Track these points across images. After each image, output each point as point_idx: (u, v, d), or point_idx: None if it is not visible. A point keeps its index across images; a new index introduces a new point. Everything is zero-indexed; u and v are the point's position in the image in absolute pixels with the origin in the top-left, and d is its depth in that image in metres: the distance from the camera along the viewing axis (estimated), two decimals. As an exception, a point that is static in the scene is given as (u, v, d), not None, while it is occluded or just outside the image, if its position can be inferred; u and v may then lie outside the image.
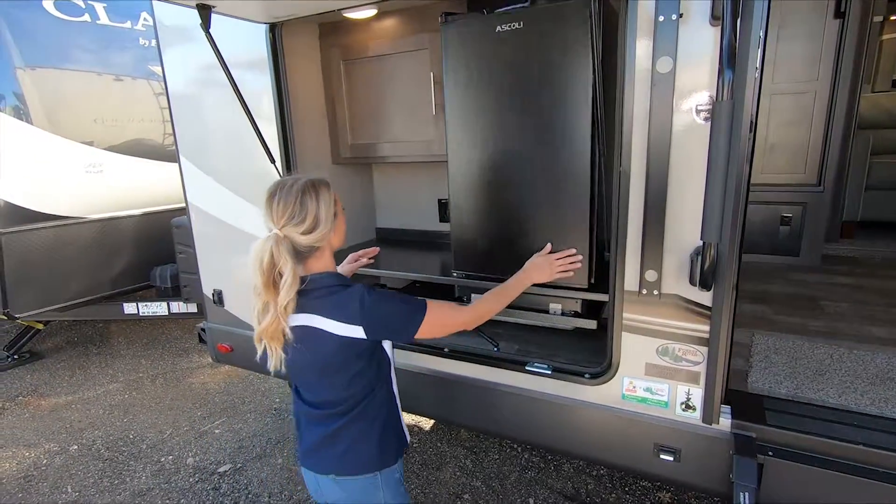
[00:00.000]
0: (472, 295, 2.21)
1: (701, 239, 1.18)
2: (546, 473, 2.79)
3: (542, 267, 1.75)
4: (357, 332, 1.28)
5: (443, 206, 2.88)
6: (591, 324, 1.94)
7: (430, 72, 2.28)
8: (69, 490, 2.84)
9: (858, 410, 1.64)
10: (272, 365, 1.31)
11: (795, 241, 3.31)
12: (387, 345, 1.43)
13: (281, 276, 1.24)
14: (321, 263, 1.35)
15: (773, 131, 3.24)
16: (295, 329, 1.30)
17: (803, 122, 3.16)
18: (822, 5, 2.94)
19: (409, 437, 1.52)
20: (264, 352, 1.32)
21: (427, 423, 3.28)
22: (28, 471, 3.02)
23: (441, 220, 2.93)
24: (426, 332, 1.34)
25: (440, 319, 1.37)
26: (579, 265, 1.83)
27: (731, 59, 1.01)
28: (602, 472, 2.77)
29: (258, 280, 1.25)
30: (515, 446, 3.01)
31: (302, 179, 1.31)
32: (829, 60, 3.01)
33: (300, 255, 1.30)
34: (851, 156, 3.36)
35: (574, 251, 1.83)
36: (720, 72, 1.04)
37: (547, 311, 2.05)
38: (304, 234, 1.27)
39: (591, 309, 2.03)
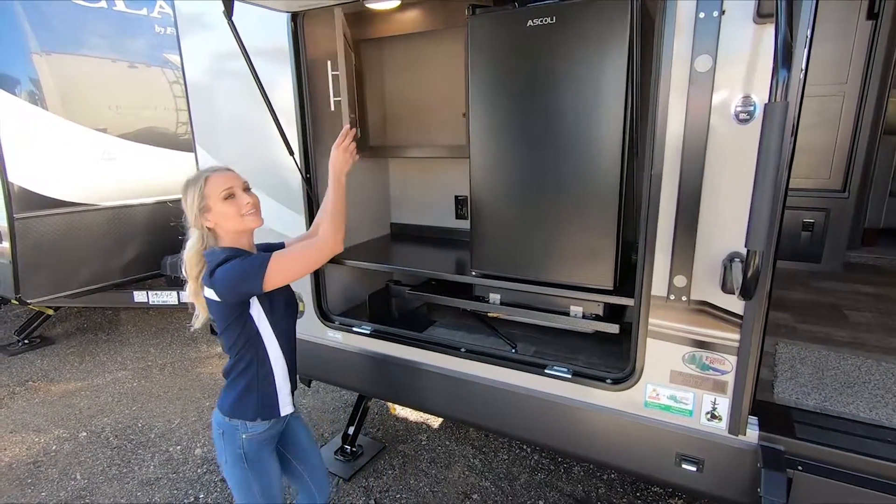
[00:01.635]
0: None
1: (746, 247, 1.13)
2: (556, 476, 2.76)
3: (336, 157, 1.73)
4: (213, 294, 1.50)
5: (459, 203, 2.84)
6: (614, 328, 1.90)
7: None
8: (78, 477, 2.84)
9: (892, 426, 1.59)
10: (194, 322, 1.63)
11: (817, 247, 3.24)
12: (257, 317, 1.55)
13: None
14: (223, 242, 1.56)
15: (799, 134, 3.15)
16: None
17: (830, 125, 3.09)
18: (854, 5, 2.86)
19: (282, 411, 1.63)
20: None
21: (436, 422, 3.25)
22: (38, 456, 3.03)
23: (457, 217, 2.88)
24: (277, 277, 1.47)
25: (288, 261, 1.51)
26: (353, 132, 1.80)
27: (786, 58, 0.96)
28: (613, 476, 2.74)
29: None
30: (525, 447, 2.98)
31: (187, 178, 1.59)
32: (860, 63, 2.93)
33: (209, 234, 1.56)
34: (877, 161, 3.28)
35: (347, 127, 1.80)
36: (774, 71, 0.99)
37: (567, 314, 2.00)
38: (189, 220, 1.56)
39: (612, 312, 1.98)
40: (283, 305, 1.61)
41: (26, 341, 4.56)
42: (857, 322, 2.46)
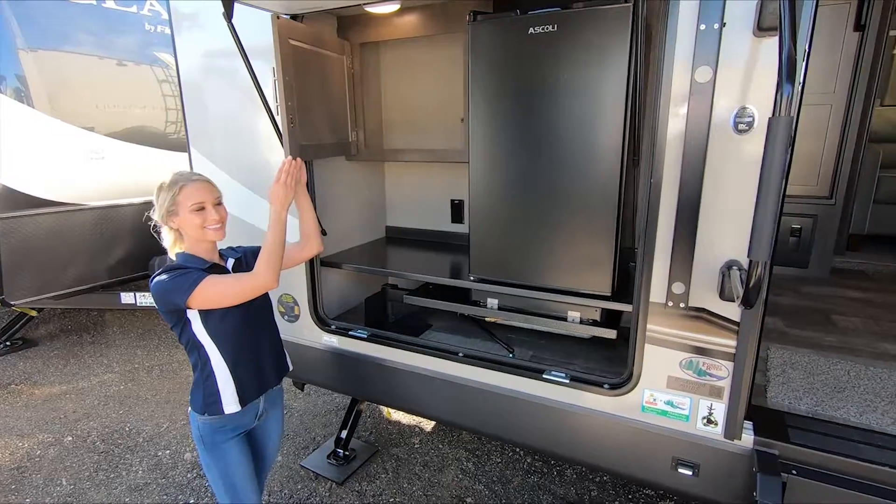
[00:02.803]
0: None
1: (749, 257, 1.15)
2: (549, 479, 2.77)
3: (276, 192, 1.71)
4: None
5: (455, 207, 2.84)
6: (611, 333, 1.92)
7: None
8: (63, 483, 2.79)
9: (882, 430, 1.63)
10: None
11: (805, 253, 3.30)
12: (193, 322, 1.61)
13: None
14: (185, 244, 1.66)
15: (790, 143, 3.23)
16: None
17: (818, 134, 3.15)
18: (843, 17, 2.92)
19: (225, 409, 1.68)
20: None
21: (428, 425, 3.25)
22: (21, 462, 2.96)
23: (453, 221, 2.89)
24: (202, 299, 1.54)
25: (218, 289, 1.56)
26: (298, 165, 1.76)
27: (791, 73, 0.98)
28: (605, 478, 2.76)
29: None
30: (518, 451, 2.99)
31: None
32: (847, 73, 3.00)
33: (174, 233, 1.66)
34: (861, 169, 3.36)
35: (289, 159, 1.75)
36: (778, 86, 1.01)
37: (565, 319, 2.02)
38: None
39: (609, 318, 2.00)
40: (221, 314, 1.63)
41: (8, 343, 4.45)
42: (845, 327, 2.52)
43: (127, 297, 4.25)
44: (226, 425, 1.72)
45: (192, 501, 2.64)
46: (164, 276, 1.55)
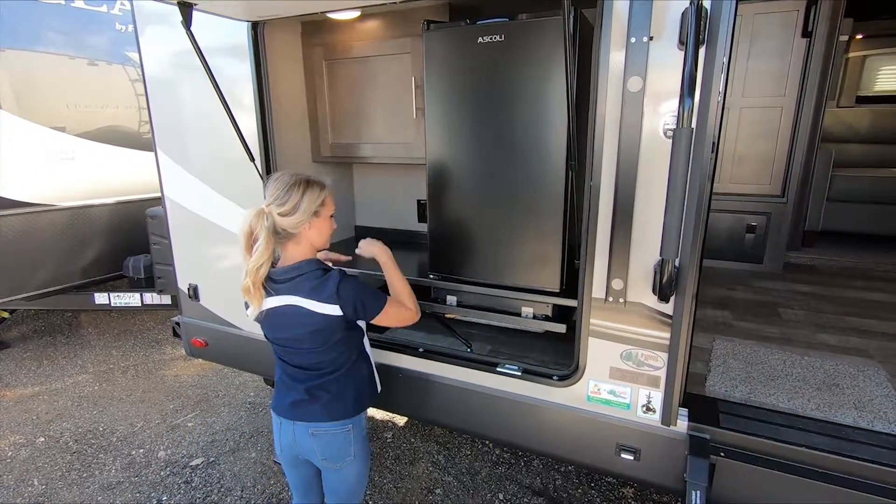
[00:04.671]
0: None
1: (660, 255, 1.25)
2: (516, 469, 2.87)
3: (368, 249, 1.87)
4: (335, 310, 1.52)
5: (421, 207, 2.92)
6: (561, 328, 2.02)
7: (411, 76, 2.30)
8: (35, 483, 2.81)
9: (805, 415, 1.75)
10: (249, 313, 1.58)
11: (759, 248, 3.45)
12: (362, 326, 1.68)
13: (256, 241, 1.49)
14: (299, 250, 1.57)
15: (742, 143, 3.37)
16: (277, 309, 1.55)
17: (770, 135, 3.30)
18: (790, 24, 3.06)
19: (380, 386, 1.80)
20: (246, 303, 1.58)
21: (401, 420, 3.33)
22: (-8, 463, 2.97)
23: (419, 221, 2.97)
24: (383, 319, 1.63)
25: (396, 312, 1.66)
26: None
27: (691, 87, 1.08)
28: (570, 468, 2.87)
29: (240, 242, 1.50)
30: (487, 443, 3.09)
31: (300, 174, 1.55)
32: (796, 77, 3.15)
33: (280, 235, 1.52)
34: (815, 168, 3.52)
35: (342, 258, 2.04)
36: (681, 99, 1.10)
37: (519, 314, 2.11)
38: (281, 215, 1.49)
39: (561, 313, 2.10)
40: None
41: (-21, 345, 4.42)
42: (789, 319, 2.66)
43: (101, 298, 4.25)
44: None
45: (164, 499, 2.68)
46: (351, 285, 1.54)
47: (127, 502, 2.65)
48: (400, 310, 1.68)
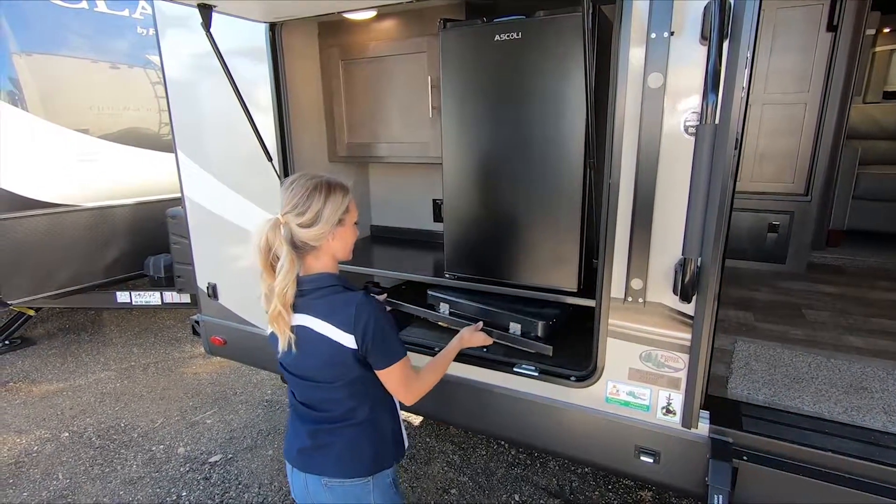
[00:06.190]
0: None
1: (682, 254, 1.22)
2: (532, 470, 2.85)
3: (475, 334, 1.91)
4: (350, 340, 1.28)
5: (437, 207, 2.91)
6: (548, 349, 1.98)
7: (427, 75, 2.30)
8: (60, 477, 2.87)
9: (831, 418, 1.70)
10: (280, 346, 1.34)
11: (782, 248, 3.37)
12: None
13: (278, 259, 1.28)
14: (320, 264, 1.36)
15: (764, 141, 3.30)
16: (293, 329, 1.32)
17: (793, 132, 3.22)
18: (815, 19, 2.98)
19: (407, 443, 1.53)
20: (273, 334, 1.36)
21: (416, 419, 3.33)
22: (19, 457, 3.05)
23: (435, 220, 2.96)
24: (387, 375, 1.34)
25: (404, 378, 1.37)
26: (491, 341, 2.02)
27: (715, 83, 1.05)
28: (586, 470, 2.84)
29: (255, 259, 1.29)
30: (503, 443, 3.08)
31: (320, 177, 1.34)
32: (821, 72, 3.07)
33: (298, 249, 1.31)
34: (840, 166, 3.42)
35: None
36: (704, 94, 1.08)
37: (507, 330, 2.09)
38: (301, 226, 1.28)
39: (552, 333, 2.06)
40: None
41: (7, 342, 4.54)
42: (814, 321, 2.59)
43: (122, 297, 4.34)
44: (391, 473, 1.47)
45: (184, 494, 2.73)
46: (377, 314, 1.29)
47: (148, 497, 2.70)
48: (409, 379, 1.39)
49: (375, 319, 1.28)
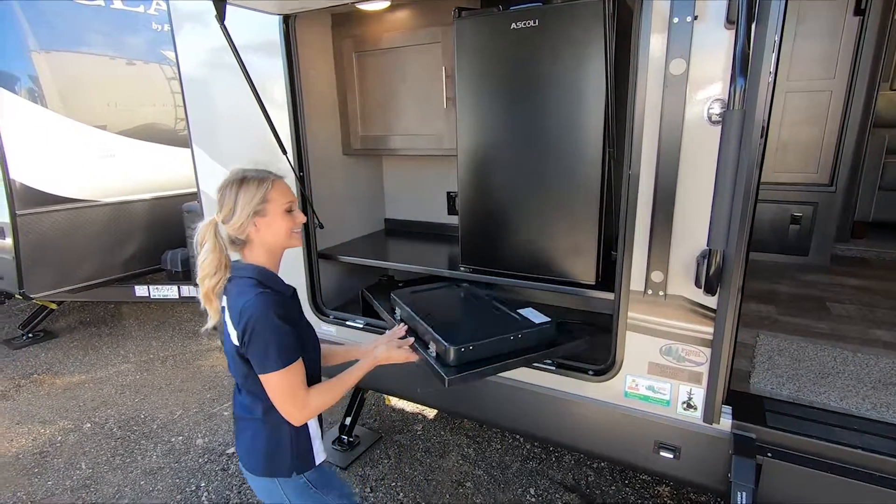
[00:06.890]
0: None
1: (707, 245, 1.19)
2: (547, 464, 2.84)
3: (390, 356, 1.58)
4: (235, 335, 1.29)
5: (451, 199, 2.89)
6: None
7: (441, 65, 2.27)
8: (83, 466, 2.93)
9: (858, 414, 1.65)
10: (208, 325, 1.39)
11: (805, 240, 3.29)
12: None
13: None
14: (253, 255, 1.38)
15: (786, 130, 3.21)
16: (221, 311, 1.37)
17: (817, 120, 3.13)
18: (842, 2, 2.88)
19: (318, 459, 1.43)
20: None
21: (431, 412, 3.33)
22: (43, 447, 3.12)
23: (449, 213, 2.94)
24: (266, 383, 1.28)
25: (287, 384, 1.27)
26: (415, 358, 1.64)
27: (743, 67, 1.01)
28: (602, 464, 2.81)
29: (196, 252, 1.36)
30: (518, 437, 3.06)
31: (238, 171, 1.40)
32: (847, 58, 2.97)
33: (234, 243, 1.37)
34: (866, 155, 3.32)
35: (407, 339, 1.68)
36: (732, 79, 1.04)
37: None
38: (223, 222, 1.34)
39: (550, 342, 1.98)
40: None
41: (30, 335, 4.64)
42: (839, 314, 2.52)
43: (141, 290, 4.41)
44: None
45: (203, 484, 2.76)
46: (263, 320, 1.24)
47: (168, 487, 2.74)
48: (292, 396, 1.28)
49: (257, 321, 1.24)
